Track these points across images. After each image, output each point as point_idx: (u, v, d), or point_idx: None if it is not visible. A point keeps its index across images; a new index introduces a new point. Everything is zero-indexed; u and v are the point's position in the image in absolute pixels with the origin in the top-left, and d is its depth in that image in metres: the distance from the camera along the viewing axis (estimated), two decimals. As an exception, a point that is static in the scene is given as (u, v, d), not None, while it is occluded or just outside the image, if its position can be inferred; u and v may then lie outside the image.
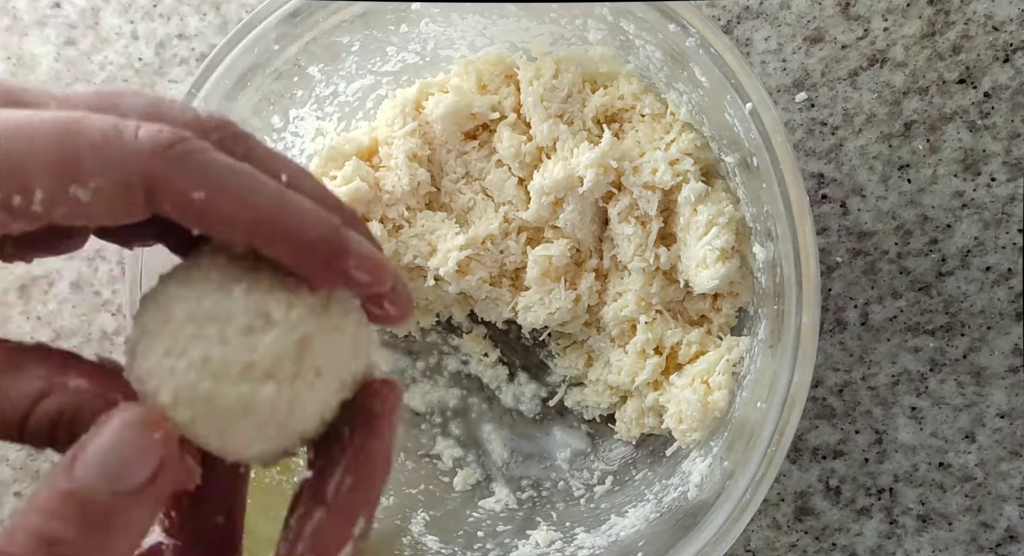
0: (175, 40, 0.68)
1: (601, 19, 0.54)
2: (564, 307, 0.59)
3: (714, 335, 0.59)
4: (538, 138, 0.58)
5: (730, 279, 0.55)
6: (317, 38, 0.55)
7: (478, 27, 0.57)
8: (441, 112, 0.58)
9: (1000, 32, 0.60)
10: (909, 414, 0.63)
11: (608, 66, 0.58)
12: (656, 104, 0.58)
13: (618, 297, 0.60)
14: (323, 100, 0.59)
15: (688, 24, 0.50)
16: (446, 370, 0.66)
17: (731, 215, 0.55)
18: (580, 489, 0.63)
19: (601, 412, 0.63)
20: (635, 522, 0.58)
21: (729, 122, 0.51)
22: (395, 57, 0.59)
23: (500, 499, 0.63)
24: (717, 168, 0.57)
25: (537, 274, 0.59)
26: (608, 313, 0.60)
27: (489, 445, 0.65)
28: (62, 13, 0.68)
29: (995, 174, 0.61)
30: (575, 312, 0.60)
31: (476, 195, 0.61)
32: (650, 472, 0.61)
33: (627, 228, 0.58)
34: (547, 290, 0.60)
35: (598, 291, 0.61)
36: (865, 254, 0.63)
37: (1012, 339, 0.62)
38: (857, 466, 0.63)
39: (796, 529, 0.64)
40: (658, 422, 0.59)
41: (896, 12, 0.61)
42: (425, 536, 0.60)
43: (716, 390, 0.55)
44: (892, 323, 0.63)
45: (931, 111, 0.61)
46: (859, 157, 0.62)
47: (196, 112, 0.32)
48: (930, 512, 0.63)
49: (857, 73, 0.62)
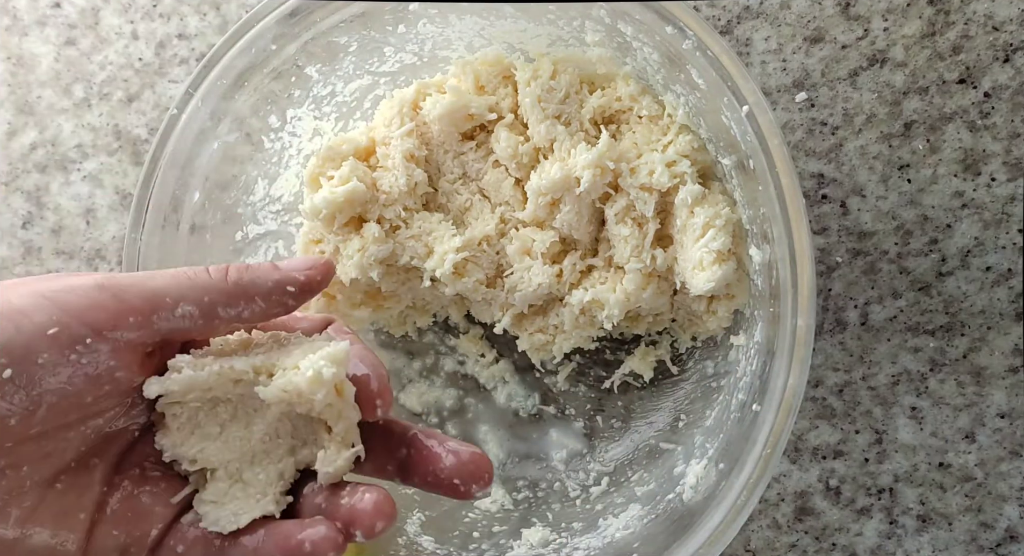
0: (175, 40, 0.68)
1: (599, 21, 0.54)
2: (544, 282, 0.59)
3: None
4: (535, 139, 0.58)
5: (726, 281, 0.55)
6: (315, 38, 0.55)
7: (476, 28, 0.57)
8: (438, 112, 0.58)
9: (1000, 32, 0.60)
10: (909, 414, 0.63)
11: (606, 67, 0.58)
12: (653, 106, 0.57)
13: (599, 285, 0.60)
14: (321, 100, 0.60)
15: (685, 26, 0.50)
16: (443, 370, 0.67)
17: (728, 217, 0.54)
18: (576, 490, 0.63)
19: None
20: (630, 523, 0.58)
21: (726, 124, 0.51)
22: (393, 57, 0.59)
23: (496, 500, 0.63)
24: (714, 170, 0.57)
25: (517, 250, 0.59)
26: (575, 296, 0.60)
27: (485, 445, 0.65)
28: (62, 13, 0.68)
29: (995, 174, 0.61)
30: (557, 289, 0.60)
31: (473, 195, 0.61)
32: (645, 473, 0.61)
33: (624, 229, 0.58)
34: (526, 267, 0.59)
35: (581, 271, 0.60)
36: (865, 254, 0.62)
37: (1012, 339, 0.61)
38: (857, 466, 0.63)
39: (796, 529, 0.64)
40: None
41: (896, 12, 0.61)
42: (421, 536, 0.60)
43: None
44: (892, 323, 0.62)
45: (931, 111, 0.61)
46: (859, 157, 0.62)
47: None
48: (930, 512, 0.63)
49: (857, 73, 0.62)
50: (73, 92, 0.69)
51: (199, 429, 0.43)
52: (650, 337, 0.65)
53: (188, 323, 0.41)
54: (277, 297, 0.43)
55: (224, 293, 0.41)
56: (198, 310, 0.41)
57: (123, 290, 0.39)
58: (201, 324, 0.41)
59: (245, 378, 0.42)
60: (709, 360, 0.62)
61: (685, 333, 0.63)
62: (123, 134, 0.69)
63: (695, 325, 0.62)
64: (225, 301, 0.41)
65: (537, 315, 0.63)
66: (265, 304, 0.42)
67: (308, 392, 0.40)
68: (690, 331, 0.63)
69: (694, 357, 0.63)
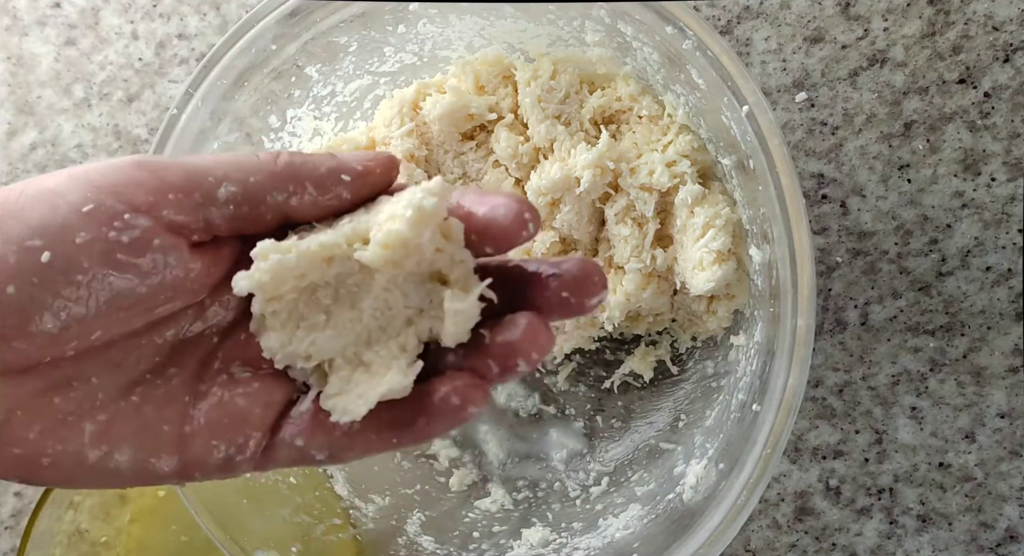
0: (175, 40, 0.68)
1: (599, 20, 0.54)
2: None
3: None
4: (535, 139, 0.58)
5: (726, 281, 0.55)
6: (315, 38, 0.55)
7: (476, 28, 0.57)
8: (438, 113, 0.58)
9: (1000, 32, 0.60)
10: (909, 414, 0.63)
11: (606, 67, 0.58)
12: (653, 106, 0.57)
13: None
14: (321, 100, 0.60)
15: (685, 26, 0.50)
16: (443, 370, 0.66)
17: (728, 217, 0.54)
18: (576, 490, 0.63)
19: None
20: (630, 523, 0.58)
21: (726, 124, 0.51)
22: (393, 57, 0.59)
23: (496, 500, 0.63)
24: (714, 170, 0.57)
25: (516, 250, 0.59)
26: None
27: (485, 446, 0.65)
28: (62, 13, 0.68)
29: (995, 174, 0.61)
30: None
31: (473, 196, 0.61)
32: (645, 473, 0.61)
33: (624, 229, 0.58)
34: None
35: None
36: (865, 254, 0.62)
37: (1012, 339, 0.61)
38: (857, 466, 0.63)
39: (796, 529, 0.64)
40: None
41: (896, 12, 0.61)
42: (421, 536, 0.60)
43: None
44: (892, 323, 0.62)
45: (931, 111, 0.61)
46: (859, 157, 0.62)
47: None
48: (930, 512, 0.63)
49: (857, 73, 0.62)
50: (73, 92, 0.69)
51: (304, 322, 0.39)
52: (650, 337, 0.65)
53: (232, 208, 0.37)
54: (331, 185, 0.39)
55: (272, 175, 0.38)
56: (243, 192, 0.37)
57: (162, 168, 0.37)
58: (246, 211, 0.38)
59: (338, 252, 0.38)
60: (709, 360, 0.62)
61: (685, 333, 0.63)
62: (123, 134, 0.69)
63: (695, 325, 0.62)
64: (272, 184, 0.38)
65: None
66: (317, 192, 0.38)
67: (413, 236, 0.36)
68: (690, 331, 0.63)
69: (694, 357, 0.63)
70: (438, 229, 0.36)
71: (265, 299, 0.38)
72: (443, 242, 0.37)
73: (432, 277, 0.38)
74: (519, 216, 0.36)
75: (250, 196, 0.37)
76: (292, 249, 0.37)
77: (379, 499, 0.62)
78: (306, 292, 0.39)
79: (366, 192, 0.39)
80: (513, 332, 0.36)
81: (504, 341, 0.36)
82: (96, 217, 0.35)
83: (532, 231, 0.36)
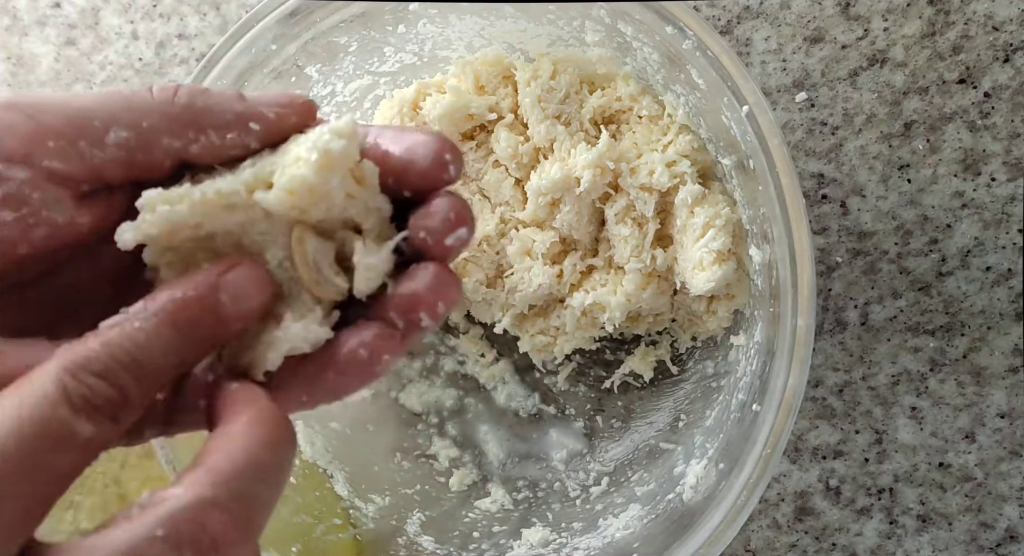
0: (175, 40, 0.68)
1: (599, 20, 0.54)
2: (545, 282, 0.59)
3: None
4: (535, 139, 0.58)
5: (726, 281, 0.55)
6: (315, 38, 0.55)
7: (476, 28, 0.57)
8: (438, 112, 0.58)
9: (1000, 32, 0.60)
10: (909, 414, 0.63)
11: (606, 67, 0.58)
12: (653, 106, 0.57)
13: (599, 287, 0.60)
14: (321, 100, 0.60)
15: (685, 26, 0.50)
16: (443, 370, 0.67)
17: (728, 217, 0.54)
18: (576, 490, 0.63)
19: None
20: (630, 523, 0.58)
21: (726, 124, 0.51)
22: (393, 58, 0.59)
23: (496, 500, 0.63)
24: (714, 170, 0.57)
25: (517, 250, 0.59)
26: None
27: (485, 446, 0.65)
28: (62, 13, 0.68)
29: (995, 174, 0.61)
30: (558, 289, 0.60)
31: (473, 196, 0.61)
32: (645, 473, 0.61)
33: (624, 229, 0.58)
34: (526, 267, 0.59)
35: (582, 272, 0.60)
36: (865, 254, 0.62)
37: (1012, 339, 0.61)
38: (857, 466, 0.63)
39: (796, 529, 0.64)
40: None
41: (896, 12, 0.61)
42: (421, 536, 0.60)
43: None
44: (892, 323, 0.62)
45: (931, 111, 0.61)
46: (859, 157, 0.62)
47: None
48: (930, 512, 0.63)
49: (857, 73, 0.62)
50: (73, 92, 0.69)
51: None
52: (650, 337, 0.65)
53: (123, 153, 0.33)
54: (236, 133, 0.34)
55: (168, 118, 0.33)
56: (135, 137, 0.33)
57: (39, 110, 0.32)
58: (140, 158, 0.33)
59: (238, 201, 0.34)
60: (709, 360, 0.62)
61: (685, 333, 0.63)
62: (123, 134, 0.69)
63: (695, 325, 0.62)
64: (168, 128, 0.33)
65: (538, 316, 0.63)
66: (219, 140, 0.34)
67: (320, 182, 0.33)
68: (690, 331, 0.63)
69: (694, 357, 0.63)
70: (349, 173, 0.34)
71: (158, 250, 0.34)
72: (355, 187, 0.34)
73: (345, 224, 0.35)
74: (439, 156, 0.34)
75: (143, 142, 0.33)
76: (184, 198, 0.33)
77: (379, 499, 0.62)
78: (204, 241, 0.35)
79: (276, 139, 0.35)
80: (417, 282, 0.33)
81: (408, 292, 0.34)
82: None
83: (454, 173, 0.34)
